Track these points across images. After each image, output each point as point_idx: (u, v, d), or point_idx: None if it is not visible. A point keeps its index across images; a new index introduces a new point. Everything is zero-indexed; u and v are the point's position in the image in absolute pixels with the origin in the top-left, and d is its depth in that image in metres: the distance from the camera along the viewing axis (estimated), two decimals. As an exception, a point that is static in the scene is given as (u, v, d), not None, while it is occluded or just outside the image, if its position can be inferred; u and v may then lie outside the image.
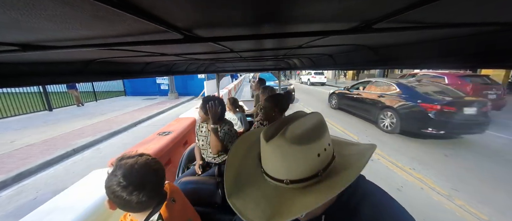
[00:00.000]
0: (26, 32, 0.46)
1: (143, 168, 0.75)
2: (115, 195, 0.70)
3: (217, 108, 1.63)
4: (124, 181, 0.69)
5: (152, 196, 0.76)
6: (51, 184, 3.22)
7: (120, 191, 0.69)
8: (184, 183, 1.34)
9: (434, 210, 2.44)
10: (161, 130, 2.84)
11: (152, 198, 0.77)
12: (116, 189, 0.69)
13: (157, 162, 0.82)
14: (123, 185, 0.69)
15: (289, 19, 0.52)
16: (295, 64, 2.45)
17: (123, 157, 0.77)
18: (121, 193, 0.69)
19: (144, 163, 0.76)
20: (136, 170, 0.73)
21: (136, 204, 0.72)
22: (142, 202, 0.72)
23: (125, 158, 0.76)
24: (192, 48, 1.05)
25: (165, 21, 0.47)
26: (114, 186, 0.70)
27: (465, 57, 0.65)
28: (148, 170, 0.76)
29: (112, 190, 0.70)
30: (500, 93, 6.24)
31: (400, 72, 14.56)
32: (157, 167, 0.80)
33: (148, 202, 0.75)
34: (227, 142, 1.71)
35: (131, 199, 0.70)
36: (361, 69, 9.65)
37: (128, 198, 0.70)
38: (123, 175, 0.70)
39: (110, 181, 0.71)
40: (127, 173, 0.71)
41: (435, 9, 0.42)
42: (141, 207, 0.75)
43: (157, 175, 0.80)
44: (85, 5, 0.33)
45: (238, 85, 16.43)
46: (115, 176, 0.71)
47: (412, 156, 3.85)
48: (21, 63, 0.82)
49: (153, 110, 8.38)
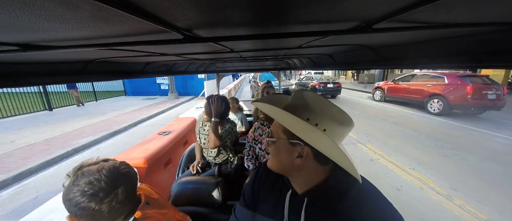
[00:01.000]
0: (26, 32, 0.46)
1: (112, 172, 0.67)
2: (81, 207, 0.61)
3: (221, 104, 1.65)
4: (91, 189, 0.62)
5: (125, 202, 0.69)
6: (51, 183, 3.22)
7: (86, 201, 0.61)
8: (184, 183, 1.34)
9: (434, 210, 2.44)
10: (161, 130, 2.84)
11: (126, 205, 0.70)
12: (80, 200, 0.60)
13: (127, 165, 0.75)
14: (90, 194, 0.61)
15: (289, 19, 0.52)
16: (295, 64, 2.45)
17: (83, 165, 0.68)
18: (89, 204, 0.61)
19: (111, 167, 0.69)
20: (104, 175, 0.65)
21: (109, 213, 0.64)
22: (115, 209, 0.65)
23: (85, 165, 0.67)
24: (192, 48, 1.05)
25: (165, 21, 0.47)
26: (77, 198, 0.61)
27: (465, 57, 0.65)
28: (117, 173, 0.69)
29: (75, 203, 0.61)
30: (500, 94, 6.27)
31: (400, 72, 14.55)
32: (127, 170, 0.73)
33: (121, 209, 0.68)
34: (227, 139, 1.71)
35: (101, 208, 0.62)
36: (361, 69, 9.66)
37: (97, 208, 0.62)
38: (88, 182, 0.62)
39: (70, 192, 0.61)
40: (94, 180, 0.63)
41: (435, 9, 0.42)
42: (114, 216, 0.67)
43: (129, 178, 0.72)
44: (85, 5, 0.33)
45: (238, 85, 16.43)
46: (77, 185, 0.62)
47: (412, 156, 3.86)
48: (21, 63, 0.82)
49: (153, 110, 8.38)
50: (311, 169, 0.56)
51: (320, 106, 0.54)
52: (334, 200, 0.52)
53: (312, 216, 0.55)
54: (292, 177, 0.62)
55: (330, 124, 0.52)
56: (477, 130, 5.31)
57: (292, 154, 0.55)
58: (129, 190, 0.71)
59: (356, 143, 4.51)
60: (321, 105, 0.54)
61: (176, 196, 1.26)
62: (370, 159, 3.76)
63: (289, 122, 0.53)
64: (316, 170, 0.56)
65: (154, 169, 2.08)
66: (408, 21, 0.52)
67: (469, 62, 0.64)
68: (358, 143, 4.51)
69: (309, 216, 0.55)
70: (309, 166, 0.56)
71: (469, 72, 7.10)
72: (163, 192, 2.23)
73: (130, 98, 12.16)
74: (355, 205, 0.50)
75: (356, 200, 0.51)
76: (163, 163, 2.31)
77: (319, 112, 0.53)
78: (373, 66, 1.13)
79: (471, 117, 6.71)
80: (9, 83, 0.77)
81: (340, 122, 0.53)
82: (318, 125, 0.52)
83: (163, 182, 2.26)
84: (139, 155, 1.96)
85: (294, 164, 0.56)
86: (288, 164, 0.57)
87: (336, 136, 0.53)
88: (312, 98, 0.56)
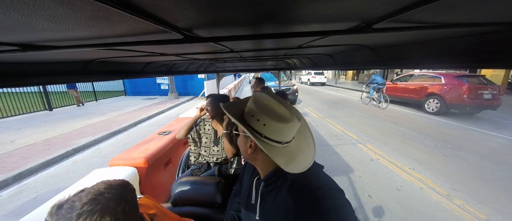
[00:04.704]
0: (26, 32, 0.46)
1: (109, 197, 0.55)
2: None
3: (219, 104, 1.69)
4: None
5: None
6: (51, 183, 3.22)
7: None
8: (184, 183, 1.34)
9: (433, 210, 2.44)
10: (161, 130, 2.84)
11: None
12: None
13: (119, 183, 0.62)
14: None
15: (289, 19, 0.52)
16: (295, 64, 2.45)
17: (61, 203, 0.53)
18: None
19: (102, 192, 0.55)
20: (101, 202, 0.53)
21: None
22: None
23: (65, 202, 0.53)
24: (192, 48, 1.05)
25: (165, 21, 0.47)
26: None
27: (465, 57, 0.65)
28: (111, 197, 0.56)
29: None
30: (496, 93, 6.37)
31: (400, 72, 14.55)
32: (121, 193, 0.59)
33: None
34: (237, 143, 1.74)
35: None
36: (361, 69, 9.65)
37: None
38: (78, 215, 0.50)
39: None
40: (87, 211, 0.50)
41: (435, 9, 0.42)
42: None
43: (127, 200, 0.59)
44: (85, 5, 0.33)
45: (238, 85, 16.43)
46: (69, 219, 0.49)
47: (412, 156, 3.85)
48: (21, 63, 0.82)
49: (153, 110, 8.38)
50: (262, 159, 0.68)
51: (264, 104, 0.63)
52: (280, 184, 0.65)
53: (265, 196, 0.68)
54: (256, 166, 0.74)
55: (268, 120, 0.61)
56: (477, 130, 5.31)
57: (245, 144, 0.68)
58: (129, 213, 0.59)
59: (356, 143, 4.51)
60: (265, 103, 0.64)
61: (176, 196, 1.26)
62: (370, 159, 3.76)
63: (236, 119, 0.64)
64: (267, 160, 0.67)
65: (154, 169, 2.08)
66: (408, 21, 0.52)
67: (469, 62, 0.64)
68: (358, 143, 4.51)
69: (263, 196, 0.69)
70: (260, 156, 0.68)
71: (466, 72, 7.23)
72: (163, 192, 2.23)
73: (130, 98, 12.15)
74: (296, 185, 0.62)
75: (297, 181, 0.62)
76: (163, 163, 2.31)
77: (262, 109, 0.63)
78: (373, 66, 1.13)
79: (471, 117, 6.71)
80: (9, 83, 0.77)
81: (278, 119, 0.61)
82: (259, 120, 0.62)
83: (163, 182, 2.26)
84: (139, 155, 1.96)
85: (249, 155, 0.68)
86: (245, 154, 0.70)
87: (276, 130, 0.61)
88: (260, 97, 0.66)
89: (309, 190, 0.59)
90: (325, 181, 0.63)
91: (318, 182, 0.62)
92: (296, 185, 0.62)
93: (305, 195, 0.59)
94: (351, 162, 3.65)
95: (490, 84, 6.51)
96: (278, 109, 0.62)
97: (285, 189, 0.63)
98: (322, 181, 0.62)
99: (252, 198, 0.73)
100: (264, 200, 0.68)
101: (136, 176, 1.84)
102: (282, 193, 0.63)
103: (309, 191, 0.59)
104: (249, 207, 0.75)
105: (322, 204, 0.56)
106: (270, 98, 0.64)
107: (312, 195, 0.58)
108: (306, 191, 0.60)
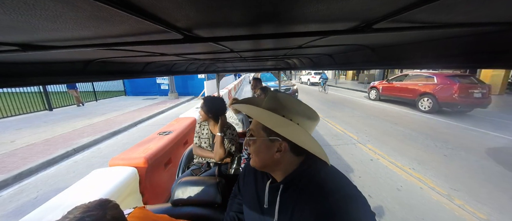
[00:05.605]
0: (26, 32, 0.46)
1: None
2: None
3: (225, 117, 1.72)
4: None
5: None
6: (52, 183, 3.22)
7: None
8: (184, 183, 1.34)
9: (433, 210, 2.44)
10: (161, 130, 2.84)
11: None
12: None
13: (97, 203, 0.58)
14: None
15: (289, 19, 0.52)
16: (295, 64, 2.45)
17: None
18: None
19: (82, 217, 0.52)
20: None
21: None
22: None
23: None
24: (192, 48, 1.05)
25: (165, 21, 0.47)
26: None
27: (465, 57, 0.65)
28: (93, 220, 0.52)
29: None
30: (485, 92, 6.59)
31: (400, 72, 14.54)
32: (102, 213, 0.56)
33: None
34: (232, 146, 1.76)
35: None
36: (361, 69, 9.69)
37: None
38: None
39: None
40: None
41: (435, 9, 0.42)
42: None
43: (109, 219, 0.56)
44: (85, 5, 0.33)
45: (238, 85, 16.42)
46: None
47: (412, 156, 3.85)
48: (21, 63, 0.82)
49: (153, 110, 8.38)
50: (288, 161, 0.65)
51: (291, 104, 0.64)
52: (304, 184, 0.61)
53: (286, 199, 0.63)
54: (272, 171, 0.69)
55: (301, 119, 0.62)
56: (477, 130, 5.31)
57: (271, 149, 0.63)
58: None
59: (356, 143, 4.51)
60: (292, 103, 0.64)
61: (176, 196, 1.26)
62: (370, 159, 3.76)
63: (268, 119, 0.61)
64: (292, 162, 0.65)
65: (154, 169, 2.08)
66: (408, 21, 0.52)
67: (469, 62, 0.64)
68: (358, 143, 4.51)
69: (283, 199, 0.64)
70: (286, 158, 0.64)
71: (458, 72, 7.46)
72: (163, 192, 2.23)
73: (130, 98, 12.15)
74: (321, 186, 0.58)
75: (322, 182, 0.59)
76: (163, 163, 2.31)
77: (291, 109, 0.63)
78: (373, 66, 1.13)
79: (471, 117, 6.72)
80: (9, 83, 0.77)
81: (308, 117, 0.63)
82: (293, 120, 0.61)
83: (163, 182, 2.26)
84: (139, 155, 1.96)
85: (274, 159, 0.64)
86: (268, 159, 0.64)
87: (307, 128, 0.64)
88: (284, 98, 0.65)
89: (336, 193, 0.57)
90: (350, 186, 0.60)
91: (344, 183, 0.60)
92: (322, 185, 0.59)
93: (331, 197, 0.56)
94: (351, 162, 3.65)
95: (480, 84, 6.75)
96: (306, 108, 0.64)
97: (310, 190, 0.59)
98: (347, 183, 0.60)
99: (264, 202, 0.69)
100: (282, 203, 0.63)
101: (136, 176, 1.84)
102: (306, 194, 0.59)
103: (334, 194, 0.56)
104: (264, 212, 0.69)
105: (350, 208, 0.54)
106: (294, 98, 0.66)
107: (337, 197, 0.56)
108: (335, 192, 0.57)
